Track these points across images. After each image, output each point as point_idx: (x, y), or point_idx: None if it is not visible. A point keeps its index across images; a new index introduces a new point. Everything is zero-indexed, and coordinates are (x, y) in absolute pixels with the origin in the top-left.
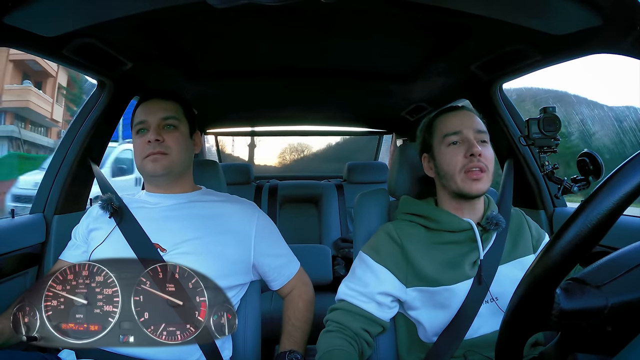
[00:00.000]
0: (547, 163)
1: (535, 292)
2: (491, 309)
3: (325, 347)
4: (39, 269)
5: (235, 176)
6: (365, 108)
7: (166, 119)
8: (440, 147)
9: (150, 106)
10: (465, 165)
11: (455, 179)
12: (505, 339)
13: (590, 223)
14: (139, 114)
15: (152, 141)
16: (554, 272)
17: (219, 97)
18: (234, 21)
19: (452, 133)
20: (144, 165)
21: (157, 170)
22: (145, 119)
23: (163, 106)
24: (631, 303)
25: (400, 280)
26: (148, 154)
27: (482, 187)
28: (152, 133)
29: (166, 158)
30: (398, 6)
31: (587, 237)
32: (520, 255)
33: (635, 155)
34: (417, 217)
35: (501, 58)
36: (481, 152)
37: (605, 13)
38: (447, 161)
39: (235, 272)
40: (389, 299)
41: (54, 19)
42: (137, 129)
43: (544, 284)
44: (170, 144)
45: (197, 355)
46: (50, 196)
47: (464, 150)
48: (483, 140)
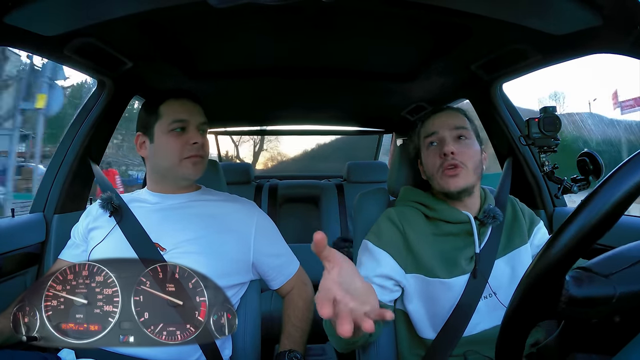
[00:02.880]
0: (547, 163)
1: (546, 277)
2: (490, 304)
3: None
4: (39, 268)
5: (236, 176)
6: (365, 107)
7: (203, 123)
8: (424, 149)
9: (189, 107)
10: (441, 165)
11: (436, 178)
12: (509, 328)
13: (608, 203)
14: (174, 112)
15: (199, 142)
16: (566, 256)
17: (219, 96)
18: (234, 21)
19: (430, 134)
20: (183, 166)
21: (197, 174)
22: (186, 119)
23: (198, 109)
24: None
25: (400, 265)
26: (190, 155)
27: (460, 182)
28: (195, 134)
29: (203, 162)
30: (398, 6)
31: (603, 218)
32: (517, 246)
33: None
34: (417, 204)
35: (501, 58)
36: (454, 150)
37: (605, 13)
38: (428, 163)
39: (235, 271)
40: (391, 282)
41: (54, 19)
42: (172, 127)
43: (555, 269)
44: (206, 148)
45: (197, 355)
46: (50, 195)
47: (439, 150)
48: (460, 136)
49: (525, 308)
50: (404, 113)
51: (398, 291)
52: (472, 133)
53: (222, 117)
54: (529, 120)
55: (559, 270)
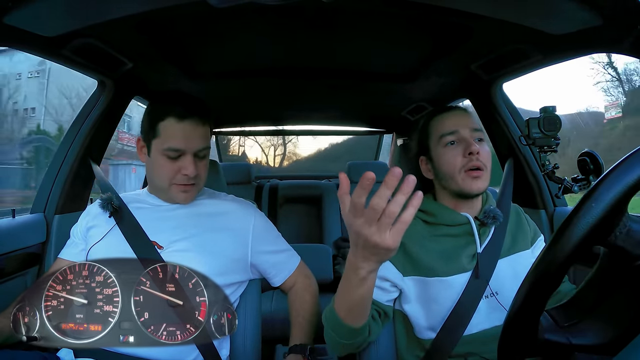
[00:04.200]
0: (548, 162)
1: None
2: (490, 305)
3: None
4: (40, 268)
5: (236, 176)
6: (366, 108)
7: (203, 149)
8: (438, 148)
9: (187, 131)
10: (464, 165)
11: (456, 178)
12: (512, 328)
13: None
14: (170, 137)
15: (191, 174)
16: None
17: (219, 96)
18: (234, 21)
19: (448, 133)
20: (172, 191)
21: (186, 201)
22: (181, 148)
23: (200, 133)
24: None
25: (397, 269)
26: (181, 183)
27: (482, 185)
28: (189, 165)
29: (195, 188)
30: (398, 6)
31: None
32: (520, 250)
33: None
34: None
35: (502, 58)
36: (479, 151)
37: (605, 13)
38: (446, 162)
39: (232, 270)
40: (387, 284)
41: (54, 19)
42: (169, 153)
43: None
44: (201, 173)
45: (194, 355)
46: (51, 196)
47: (462, 149)
48: (480, 139)
49: (529, 306)
50: (404, 113)
51: (396, 292)
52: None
53: (222, 117)
54: (529, 120)
55: (564, 266)
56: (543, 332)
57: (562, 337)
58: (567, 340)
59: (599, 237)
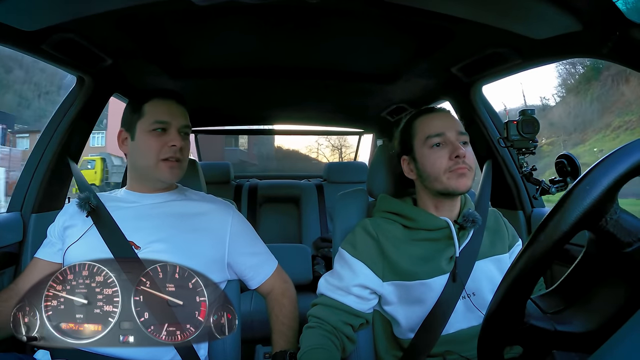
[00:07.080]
0: (526, 164)
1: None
2: (468, 305)
3: (307, 346)
4: (17, 268)
5: (215, 175)
6: (346, 108)
7: (185, 126)
8: (423, 149)
9: (172, 108)
10: (450, 167)
11: (441, 179)
12: (489, 328)
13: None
14: (157, 112)
15: (178, 145)
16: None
17: (200, 95)
18: (216, 19)
19: (434, 135)
20: (160, 168)
21: (172, 179)
22: (167, 121)
23: (182, 112)
24: None
25: (376, 274)
26: (168, 157)
27: (468, 182)
28: (175, 137)
29: (180, 166)
30: (381, 8)
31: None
32: (498, 253)
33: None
34: (395, 215)
35: (482, 61)
36: (466, 154)
37: (585, 19)
38: (431, 163)
39: (209, 270)
40: (367, 292)
41: (33, 13)
42: (153, 127)
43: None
44: (185, 152)
45: (171, 355)
46: (28, 194)
47: (448, 152)
48: (465, 142)
49: (504, 308)
50: (384, 114)
51: (375, 299)
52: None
53: (202, 115)
54: (508, 122)
55: (539, 268)
56: (529, 318)
57: (547, 324)
58: (552, 327)
59: (591, 221)
